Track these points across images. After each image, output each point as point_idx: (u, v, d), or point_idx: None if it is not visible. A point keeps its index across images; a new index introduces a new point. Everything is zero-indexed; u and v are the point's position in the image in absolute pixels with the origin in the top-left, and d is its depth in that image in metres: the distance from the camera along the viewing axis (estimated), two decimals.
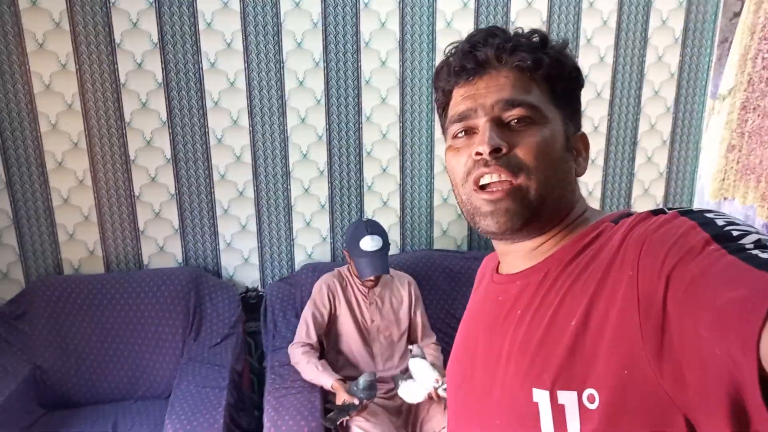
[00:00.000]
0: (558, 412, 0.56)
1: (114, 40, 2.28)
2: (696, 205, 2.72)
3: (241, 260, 2.58)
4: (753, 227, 0.49)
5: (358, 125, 2.52)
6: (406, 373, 2.03)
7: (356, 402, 1.89)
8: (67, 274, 2.44)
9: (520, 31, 0.67)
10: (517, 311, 0.64)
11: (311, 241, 2.61)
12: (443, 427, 1.94)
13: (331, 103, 2.47)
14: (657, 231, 0.52)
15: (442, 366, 2.06)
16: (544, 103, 0.64)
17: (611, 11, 2.55)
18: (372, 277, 2.09)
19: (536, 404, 0.57)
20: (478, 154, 0.62)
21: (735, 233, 0.47)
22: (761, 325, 0.39)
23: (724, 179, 2.57)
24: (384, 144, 2.55)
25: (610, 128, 2.68)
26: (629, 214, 0.60)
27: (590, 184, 2.73)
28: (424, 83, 2.49)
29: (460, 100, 0.67)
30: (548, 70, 0.64)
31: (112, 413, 2.16)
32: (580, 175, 0.68)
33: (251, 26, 2.35)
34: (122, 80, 2.32)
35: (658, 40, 2.61)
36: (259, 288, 2.61)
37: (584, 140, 0.69)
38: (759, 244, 0.45)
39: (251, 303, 2.55)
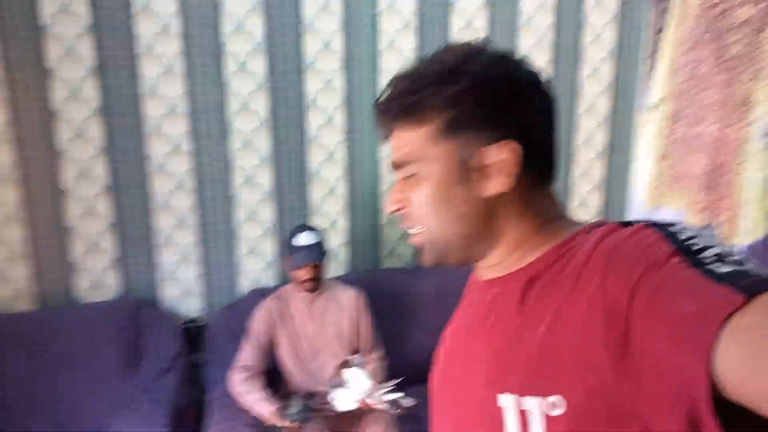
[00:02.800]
0: (522, 417, 0.57)
1: (46, 66, 2.18)
2: (632, 214, 2.82)
3: (183, 290, 2.47)
4: (714, 240, 0.51)
5: (304, 147, 2.49)
6: (338, 383, 1.97)
7: (288, 424, 1.88)
8: None
9: (407, 74, 0.66)
10: (491, 317, 0.65)
11: (256, 266, 2.53)
12: None
13: (276, 125, 2.44)
14: (625, 243, 0.54)
15: (381, 379, 2.06)
16: (425, 148, 0.63)
17: (547, 27, 2.63)
18: (310, 276, 2.05)
19: (501, 409, 0.58)
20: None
21: (697, 246, 0.49)
22: (715, 338, 0.42)
23: (657, 187, 2.68)
24: (330, 164, 2.53)
25: None
26: (602, 224, 0.61)
27: None
28: (368, 102, 2.50)
29: None
30: (419, 113, 0.64)
31: None
32: (497, 190, 0.62)
33: (193, 47, 2.31)
34: (56, 107, 2.21)
35: (592, 53, 2.69)
36: (204, 317, 2.49)
37: (494, 154, 0.61)
38: (719, 258, 0.47)
39: (194, 334, 2.42)
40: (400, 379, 1.94)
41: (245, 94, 2.39)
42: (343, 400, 1.91)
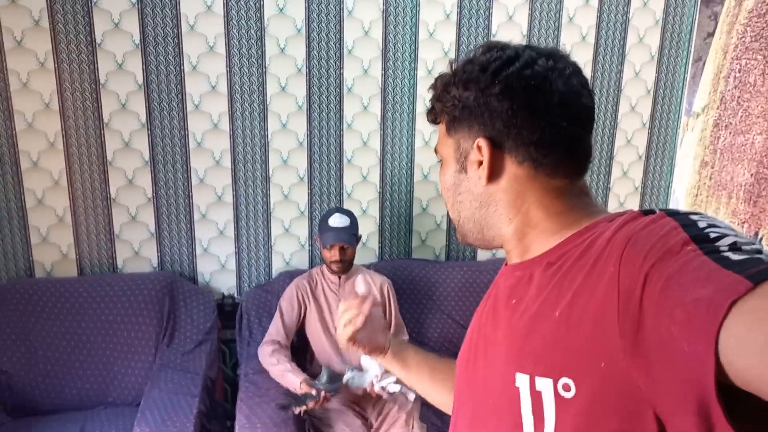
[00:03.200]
0: (536, 397, 0.58)
1: (95, 39, 2.26)
2: None
3: (217, 266, 2.55)
4: (733, 230, 0.51)
5: (340, 132, 2.52)
6: (357, 366, 2.03)
7: (313, 392, 1.91)
8: (38, 277, 2.39)
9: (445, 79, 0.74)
10: (512, 300, 0.68)
11: (289, 248, 2.59)
12: None
13: (312, 109, 2.48)
14: (643, 230, 0.54)
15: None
16: (442, 142, 0.75)
17: (590, 26, 2.61)
18: (337, 257, 2.12)
19: (517, 389, 0.60)
20: None
21: (713, 235, 0.49)
22: (720, 323, 0.42)
23: (697, 195, 2.63)
24: (365, 151, 2.56)
25: None
26: (625, 213, 0.62)
27: None
28: (405, 92, 2.51)
29: None
30: (437, 113, 0.75)
31: (80, 420, 2.10)
32: (485, 182, 0.69)
33: (234, 30, 2.35)
34: (102, 80, 2.29)
35: (635, 55, 2.67)
36: (235, 295, 2.58)
37: (476, 146, 0.69)
38: (734, 246, 0.47)
39: (227, 310, 2.51)
40: None
41: (284, 78, 2.43)
42: (356, 380, 1.96)
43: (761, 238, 2.46)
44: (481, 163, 0.69)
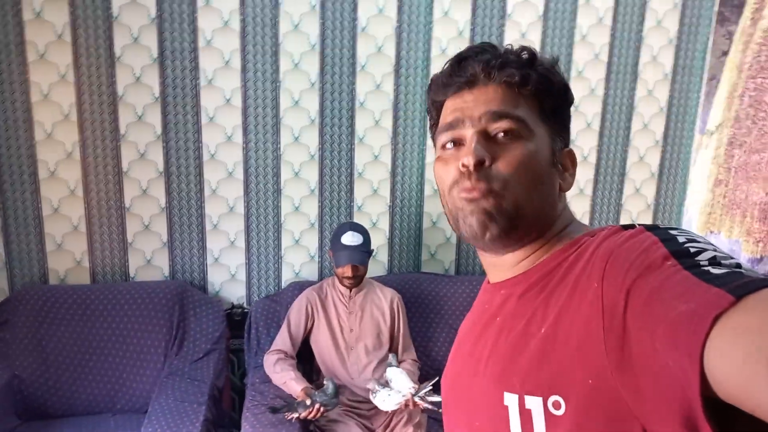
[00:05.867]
0: (525, 416, 0.58)
1: (114, 53, 2.31)
2: None
3: (228, 276, 2.58)
4: (711, 244, 0.51)
5: (351, 146, 2.54)
6: (382, 382, 2.03)
7: (308, 402, 1.90)
8: (52, 284, 2.43)
9: (510, 47, 0.69)
10: (498, 318, 0.67)
11: (299, 259, 2.61)
12: None
13: (325, 123, 2.50)
14: (623, 245, 0.54)
15: (417, 379, 2.10)
16: (531, 118, 0.66)
17: (603, 44, 2.61)
18: (349, 274, 2.13)
19: (506, 408, 0.60)
20: (464, 166, 0.64)
21: (693, 250, 0.50)
22: (705, 337, 0.41)
23: (711, 213, 2.60)
24: (375, 165, 2.58)
25: (599, 159, 2.72)
26: (605, 228, 0.62)
27: (578, 213, 2.75)
28: (417, 107, 2.53)
29: (449, 111, 0.69)
30: (536, 86, 0.66)
31: (89, 426, 2.13)
32: (566, 190, 0.70)
33: (250, 45, 2.39)
34: (120, 93, 2.35)
35: (648, 74, 2.66)
36: (245, 305, 2.60)
37: (571, 156, 0.71)
38: (713, 261, 0.48)
39: (236, 320, 2.53)
40: (435, 379, 1.96)
41: (297, 92, 2.46)
42: (388, 401, 1.94)
43: None
44: (567, 169, 0.70)
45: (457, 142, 0.67)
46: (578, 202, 2.75)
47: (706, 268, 0.46)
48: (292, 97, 2.46)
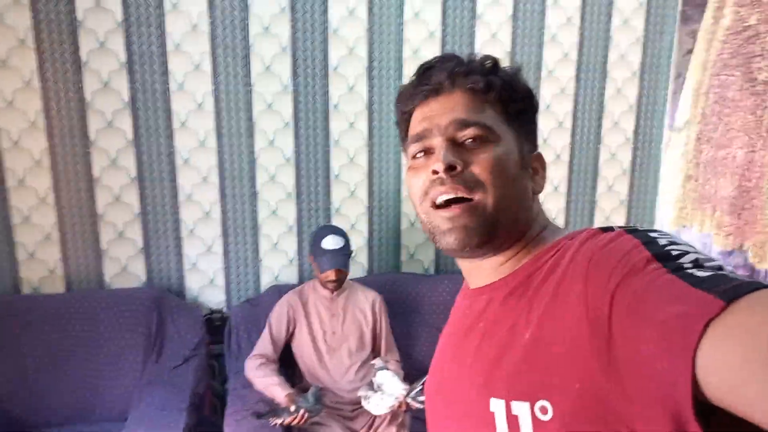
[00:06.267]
0: (512, 421, 0.58)
1: (80, 58, 2.27)
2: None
3: (206, 281, 2.56)
4: (692, 247, 0.52)
5: (327, 149, 2.54)
6: (370, 387, 2.04)
7: (292, 408, 1.90)
8: (25, 294, 2.39)
9: (474, 56, 0.71)
10: (480, 324, 0.67)
11: (278, 263, 2.60)
12: None
13: (299, 126, 2.49)
14: (603, 249, 0.55)
15: (403, 380, 2.10)
16: (497, 123, 0.67)
17: (572, 44, 2.64)
18: (333, 278, 2.12)
19: (492, 414, 0.59)
20: (434, 172, 0.65)
21: (675, 252, 0.50)
22: (696, 342, 0.42)
23: (682, 208, 2.66)
24: (352, 167, 2.58)
25: (572, 157, 2.76)
26: (583, 231, 0.62)
27: (554, 211, 2.79)
28: (391, 109, 2.53)
29: (417, 122, 0.71)
30: (500, 92, 0.68)
31: None
32: (537, 192, 0.71)
33: (220, 49, 2.36)
34: (88, 99, 2.30)
35: (617, 72, 2.70)
36: (224, 310, 2.59)
37: (540, 160, 0.73)
38: (696, 264, 0.48)
39: (216, 325, 2.52)
40: (425, 378, 1.98)
41: (270, 95, 2.44)
42: (377, 405, 1.95)
43: (747, 250, 2.49)
44: (538, 172, 0.71)
45: (427, 151, 0.69)
46: (553, 200, 2.78)
47: (690, 271, 0.47)
48: (264, 100, 2.44)
